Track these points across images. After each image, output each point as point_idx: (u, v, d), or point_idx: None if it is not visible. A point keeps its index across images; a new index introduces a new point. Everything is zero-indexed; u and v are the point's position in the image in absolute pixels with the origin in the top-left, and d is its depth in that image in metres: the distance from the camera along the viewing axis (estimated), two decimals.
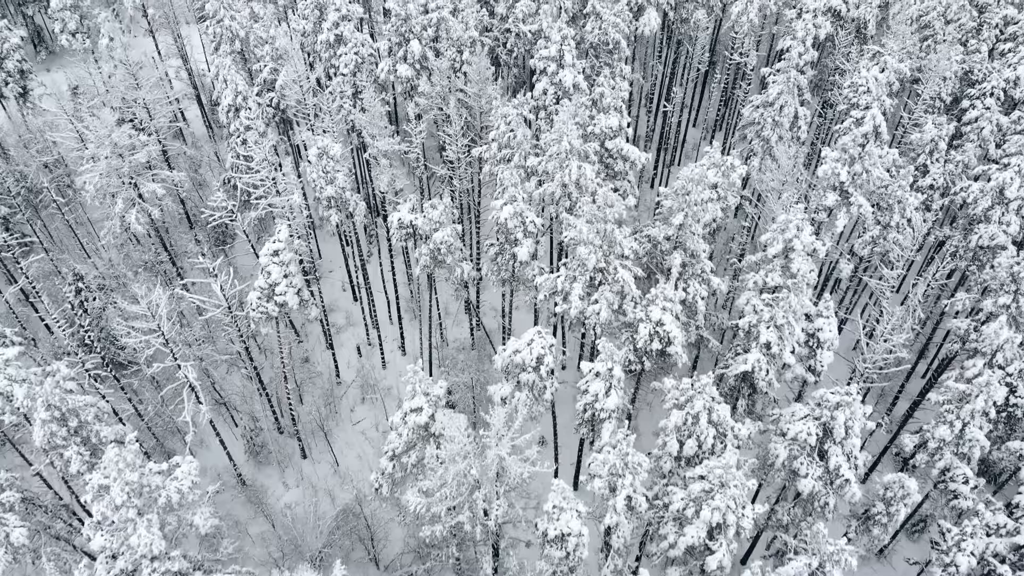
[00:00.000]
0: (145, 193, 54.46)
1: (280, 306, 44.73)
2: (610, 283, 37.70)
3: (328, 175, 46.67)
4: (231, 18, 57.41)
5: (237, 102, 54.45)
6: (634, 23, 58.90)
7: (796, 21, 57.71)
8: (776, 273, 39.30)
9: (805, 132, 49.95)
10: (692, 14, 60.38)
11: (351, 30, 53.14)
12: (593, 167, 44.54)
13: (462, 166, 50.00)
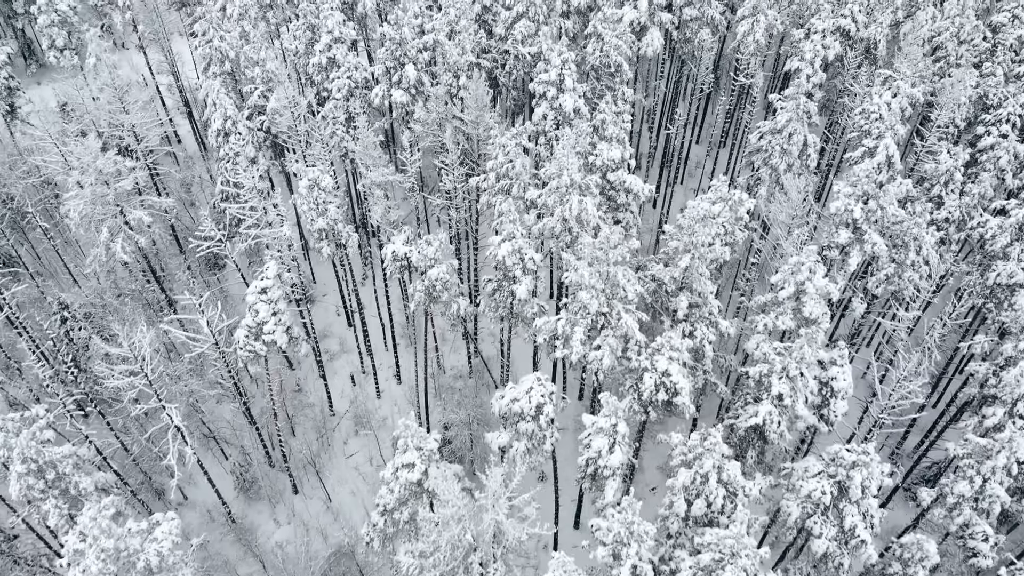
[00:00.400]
0: (132, 221, 52.56)
1: (268, 345, 42.85)
2: (613, 327, 35.81)
3: (319, 207, 44.74)
4: (220, 38, 55.43)
5: (226, 127, 52.54)
6: (636, 44, 56.97)
7: (804, 42, 55.78)
8: (787, 316, 37.41)
9: (815, 160, 48.03)
10: (696, 34, 58.42)
11: (344, 53, 51.20)
12: (595, 199, 42.63)
13: (459, 195, 48.08)
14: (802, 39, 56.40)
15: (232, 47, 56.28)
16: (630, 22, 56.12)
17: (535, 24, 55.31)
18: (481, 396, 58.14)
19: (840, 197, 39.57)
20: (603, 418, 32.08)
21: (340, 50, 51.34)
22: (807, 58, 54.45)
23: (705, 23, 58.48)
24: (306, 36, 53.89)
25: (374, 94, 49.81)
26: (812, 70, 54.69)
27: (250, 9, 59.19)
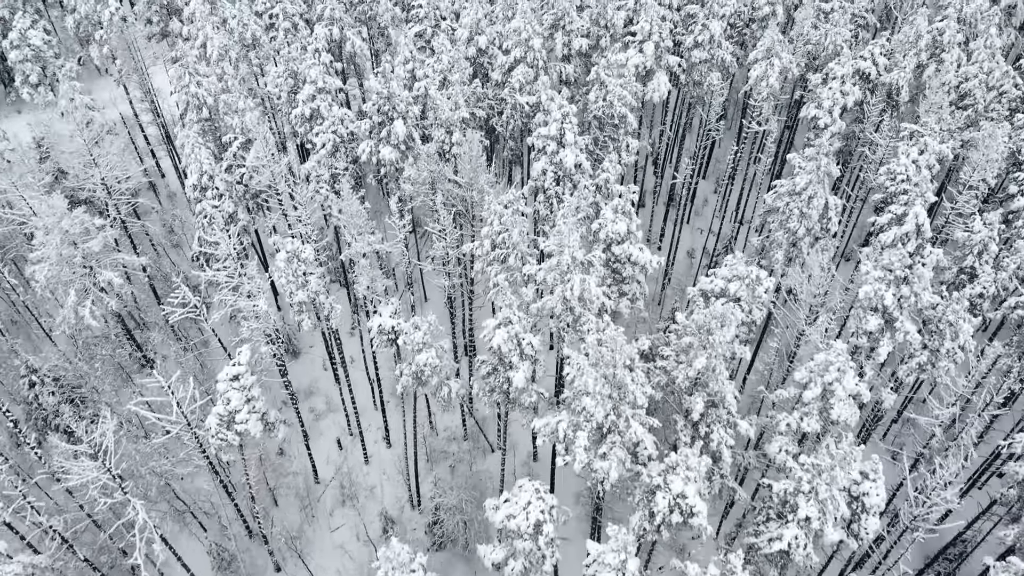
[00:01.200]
0: (102, 282, 48.63)
1: (241, 435, 38.93)
2: (621, 434, 31.88)
3: (299, 279, 40.79)
4: (197, 84, 51.38)
5: (202, 182, 48.57)
6: (642, 89, 52.96)
7: (822, 88, 51.76)
8: (814, 418, 33.46)
9: (836, 223, 44.05)
10: (705, 77, 54.41)
11: (328, 104, 47.21)
12: (599, 276, 38.69)
13: (452, 260, 44.12)
14: (819, 84, 52.38)
15: (210, 93, 52.26)
16: (635, 67, 52.11)
17: (533, 70, 51.30)
18: (477, 463, 54.22)
19: (869, 281, 35.59)
20: (611, 552, 28.15)
21: (324, 101, 47.32)
22: (825, 106, 50.45)
23: (715, 65, 54.46)
24: (288, 84, 49.86)
25: (361, 150, 45.83)
26: (830, 119, 50.70)
27: (231, 50, 55.15)
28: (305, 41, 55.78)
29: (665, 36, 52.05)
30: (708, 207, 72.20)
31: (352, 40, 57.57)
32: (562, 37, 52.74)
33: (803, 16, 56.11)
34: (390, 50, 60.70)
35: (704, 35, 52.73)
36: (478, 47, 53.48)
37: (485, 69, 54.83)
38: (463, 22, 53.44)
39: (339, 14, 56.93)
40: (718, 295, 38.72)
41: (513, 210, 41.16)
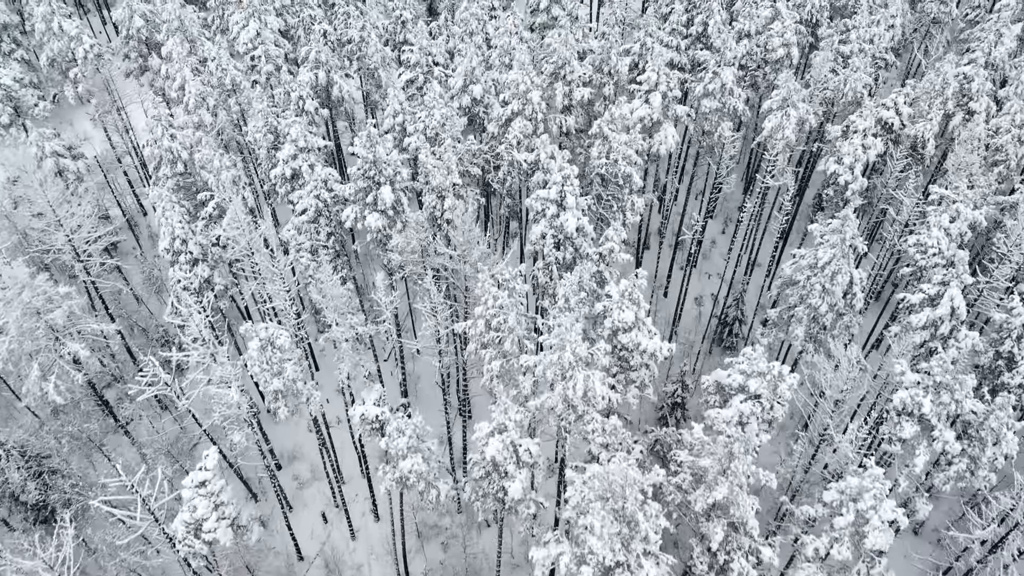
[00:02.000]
0: (69, 353, 44.86)
1: (210, 544, 35.17)
2: (632, 573, 28.07)
3: (274, 366, 36.94)
4: (171, 137, 47.47)
5: (175, 246, 44.71)
6: (648, 140, 49.01)
7: (842, 141, 47.81)
8: (845, 546, 29.64)
9: (861, 300, 40.19)
10: (716, 126, 50.45)
11: (311, 165, 43.31)
12: (603, 365, 34.87)
13: (444, 340, 40.28)
14: (839, 137, 48.42)
15: (185, 146, 48.34)
16: (640, 119, 48.16)
17: (532, 123, 47.36)
18: (472, 536, 50.49)
19: (905, 387, 31.75)
20: None
21: (306, 162, 43.40)
22: (846, 162, 46.54)
23: (727, 114, 50.50)
24: (268, 139, 45.93)
25: (346, 215, 41.92)
26: (851, 176, 46.80)
27: (208, 96, 51.18)
28: (289, 87, 51.83)
29: (673, 86, 48.09)
30: (716, 249, 68.23)
31: (339, 84, 53.59)
32: (562, 87, 48.78)
33: (820, 59, 52.14)
34: (380, 92, 56.72)
35: (715, 83, 48.77)
36: (473, 96, 49.52)
37: (481, 119, 50.88)
38: (457, 70, 49.49)
39: (325, 57, 52.95)
40: (736, 390, 34.92)
41: (509, 291, 37.32)
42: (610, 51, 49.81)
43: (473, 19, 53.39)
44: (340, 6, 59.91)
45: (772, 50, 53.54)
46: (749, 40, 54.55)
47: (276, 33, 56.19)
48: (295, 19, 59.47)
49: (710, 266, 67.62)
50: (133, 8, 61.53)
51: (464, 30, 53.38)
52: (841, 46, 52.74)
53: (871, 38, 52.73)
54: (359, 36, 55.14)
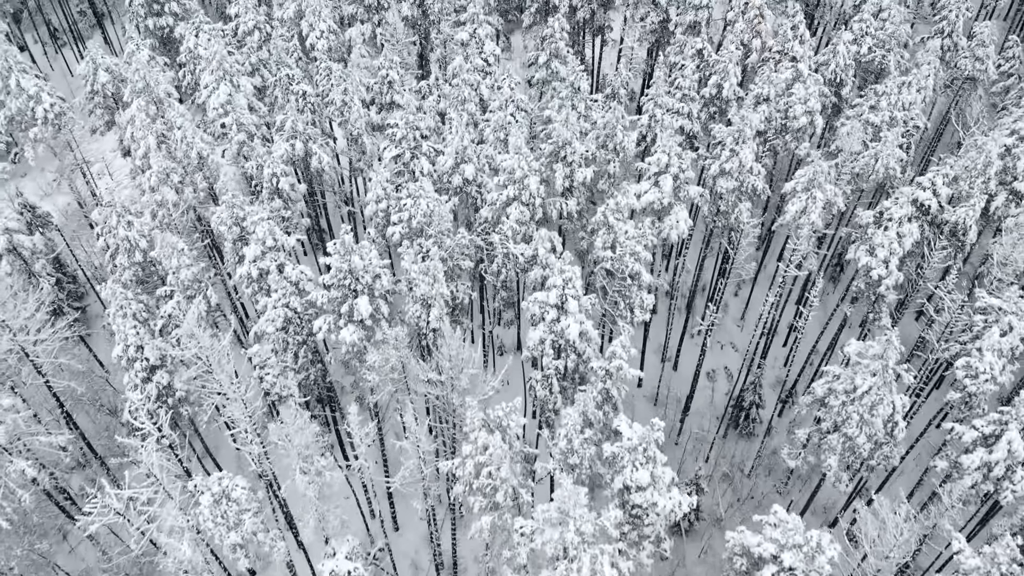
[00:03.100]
0: (14, 472, 39.72)
1: None
2: None
3: (230, 519, 31.70)
4: (127, 225, 42.16)
5: (130, 353, 39.46)
6: (657, 224, 43.62)
7: (874, 229, 42.40)
8: None
9: (903, 429, 34.89)
10: (734, 207, 45.03)
11: (279, 267, 37.97)
12: (614, 536, 29.60)
13: (428, 477, 35.01)
14: (870, 223, 42.99)
15: (143, 233, 43.02)
16: (649, 204, 42.77)
17: (529, 209, 41.96)
18: None
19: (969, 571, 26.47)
20: None
21: (275, 261, 38.04)
22: (880, 255, 41.16)
23: (745, 194, 45.09)
24: (232, 233, 40.55)
25: (317, 326, 36.58)
26: (886, 271, 41.43)
27: (172, 173, 45.79)
28: (262, 159, 46.44)
29: (686, 167, 42.68)
30: (729, 314, 62.78)
31: (319, 155, 48.18)
32: (563, 169, 43.35)
33: (847, 131, 46.73)
34: (365, 160, 51.32)
35: (733, 163, 43.35)
36: (464, 176, 44.10)
37: (474, 198, 45.50)
38: (447, 148, 44.09)
39: (302, 126, 47.54)
40: (767, 559, 29.66)
41: (502, 431, 32.03)
42: (615, 127, 44.38)
43: (465, 85, 47.94)
44: (322, 60, 54.43)
45: (794, 118, 48.09)
46: (768, 105, 49.11)
47: (250, 96, 50.73)
48: (272, 76, 54.00)
49: (722, 333, 62.20)
50: (97, 62, 56.15)
51: (456, 96, 47.91)
52: (871, 115, 47.24)
53: (904, 104, 47.29)
54: (341, 100, 49.68)
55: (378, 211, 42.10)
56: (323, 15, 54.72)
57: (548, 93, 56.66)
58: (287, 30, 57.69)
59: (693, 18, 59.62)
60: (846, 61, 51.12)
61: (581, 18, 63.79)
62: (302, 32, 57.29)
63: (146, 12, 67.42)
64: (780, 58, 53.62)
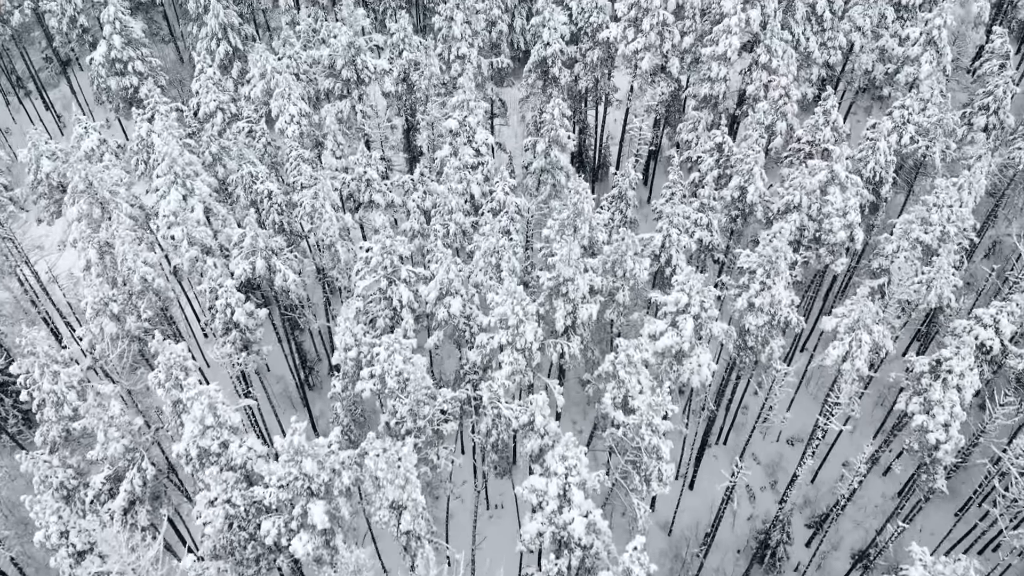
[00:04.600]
0: None
1: None
2: None
3: None
4: (53, 376, 35.20)
5: (52, 540, 32.61)
6: (676, 368, 36.66)
7: (929, 379, 35.41)
8: None
9: None
10: (764, 343, 38.06)
11: (221, 444, 31.01)
12: None
13: None
14: (925, 372, 36.00)
15: (72, 385, 36.07)
16: (667, 347, 35.79)
17: (524, 356, 34.97)
18: None
19: None
20: None
21: (216, 439, 31.09)
22: (939, 417, 34.25)
23: (777, 328, 38.14)
24: (171, 395, 33.57)
25: (265, 530, 29.73)
26: (945, 435, 34.53)
27: (112, 302, 38.75)
28: (215, 282, 39.42)
29: (709, 304, 35.68)
30: (748, 416, 55.26)
31: (283, 272, 41.17)
32: (564, 306, 36.35)
33: (892, 248, 39.74)
34: (338, 268, 44.33)
35: (764, 297, 36.37)
36: (449, 310, 37.12)
37: (461, 331, 38.51)
38: (432, 282, 37.09)
39: (263, 242, 40.51)
40: None
41: None
42: (625, 254, 37.36)
43: (451, 195, 40.93)
44: (292, 148, 47.38)
45: (830, 231, 41.07)
46: (798, 213, 42.09)
47: (207, 199, 43.58)
48: (236, 171, 46.88)
49: (740, 438, 55.00)
50: (40, 149, 49.05)
51: (443, 209, 40.91)
52: (922, 233, 40.17)
53: (959, 218, 40.26)
54: (311, 205, 42.63)
55: (347, 359, 35.13)
56: (293, 97, 47.53)
57: (547, 184, 49.74)
58: (255, 110, 50.57)
59: (708, 91, 52.60)
60: (887, 158, 44.02)
61: (583, 87, 56.69)
62: (271, 112, 50.16)
63: (107, 72, 60.64)
64: (810, 149, 46.56)
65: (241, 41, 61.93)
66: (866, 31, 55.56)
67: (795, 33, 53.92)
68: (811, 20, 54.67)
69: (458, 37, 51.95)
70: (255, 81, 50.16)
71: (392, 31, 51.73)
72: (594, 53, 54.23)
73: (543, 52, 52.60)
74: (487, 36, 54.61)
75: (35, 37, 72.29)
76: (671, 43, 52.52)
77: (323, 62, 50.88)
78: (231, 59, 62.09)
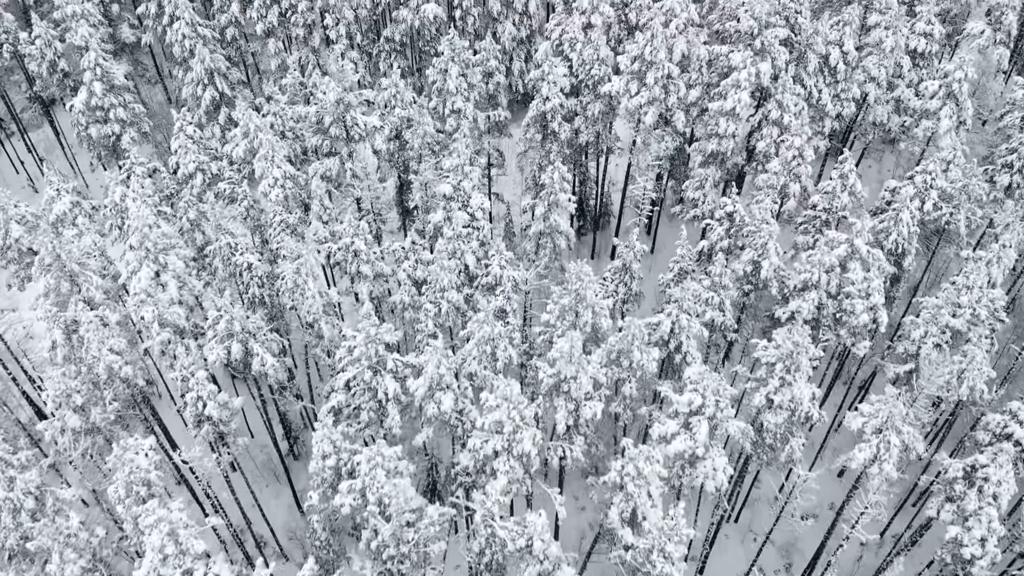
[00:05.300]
0: None
1: None
2: None
3: None
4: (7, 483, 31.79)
5: None
6: (688, 472, 33.22)
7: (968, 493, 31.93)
8: None
9: None
10: (783, 441, 34.63)
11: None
12: None
13: None
14: (958, 478, 32.57)
15: (30, 491, 32.66)
16: (680, 452, 32.41)
17: (522, 464, 31.59)
18: None
19: None
20: None
21: (179, 567, 27.65)
22: (975, 532, 30.84)
23: (798, 424, 34.76)
24: (131, 512, 30.14)
25: None
26: (981, 550, 31.13)
27: (77, 394, 35.39)
28: (187, 370, 36.06)
29: (725, 404, 32.32)
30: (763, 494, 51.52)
31: (261, 356, 37.82)
32: (566, 405, 32.97)
33: (920, 334, 36.43)
34: (322, 345, 40.99)
35: (784, 394, 33.03)
36: (440, 407, 33.77)
37: (453, 427, 35.15)
38: (421, 377, 33.75)
39: (239, 324, 37.19)
40: None
41: None
42: (632, 343, 34.05)
43: (444, 272, 37.66)
44: (276, 213, 44.20)
45: (851, 312, 37.77)
46: (816, 291, 38.79)
47: (181, 274, 40.24)
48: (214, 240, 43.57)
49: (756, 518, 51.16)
50: (9, 213, 45.74)
51: (435, 287, 37.66)
52: (951, 318, 36.88)
53: (991, 301, 36.99)
54: (293, 280, 39.34)
55: (324, 467, 31.73)
56: (277, 159, 44.30)
57: (546, 248, 46.52)
58: (237, 169, 47.39)
59: (716, 147, 49.47)
60: (910, 230, 40.79)
61: (584, 140, 53.54)
62: (254, 172, 46.96)
63: (87, 120, 57.58)
64: (827, 217, 43.36)
65: (228, 87, 58.93)
66: (881, 81, 52.45)
67: (807, 86, 50.81)
68: (823, 72, 51.56)
69: (453, 91, 48.81)
70: (237, 140, 46.97)
71: (384, 86, 48.60)
72: (595, 107, 51.09)
73: (542, 107, 49.46)
74: (483, 88, 51.47)
75: (16, 80, 69.15)
76: (676, 96, 49.37)
77: (310, 118, 47.72)
78: (218, 105, 59.08)
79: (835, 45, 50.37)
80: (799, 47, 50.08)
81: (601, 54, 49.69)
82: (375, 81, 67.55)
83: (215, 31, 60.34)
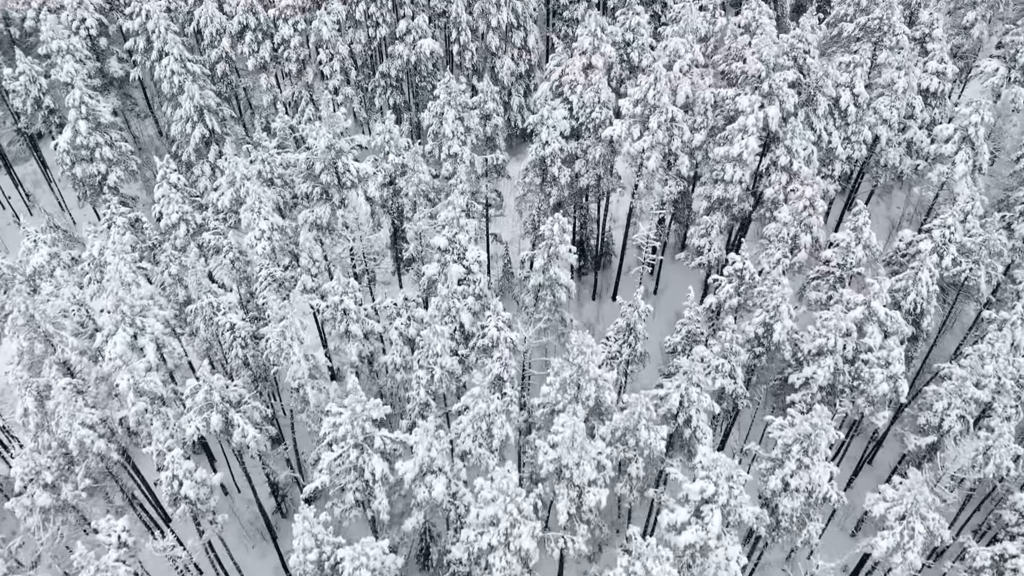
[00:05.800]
0: None
1: None
2: None
3: None
4: None
5: None
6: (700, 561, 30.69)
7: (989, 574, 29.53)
8: None
9: None
10: (800, 525, 32.14)
11: None
12: None
13: None
14: (987, 567, 30.06)
15: None
16: (691, 543, 29.90)
17: (518, 559, 29.05)
18: None
19: None
20: None
21: None
22: None
23: (815, 506, 32.25)
24: None
25: None
26: None
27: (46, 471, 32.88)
28: (163, 445, 33.57)
29: (739, 491, 29.82)
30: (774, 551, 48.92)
31: (242, 427, 35.33)
32: (567, 492, 30.46)
33: (942, 406, 33.97)
34: (307, 411, 38.49)
35: (801, 478, 30.54)
36: (431, 492, 31.25)
37: (445, 510, 32.61)
38: (410, 461, 31.26)
39: (218, 396, 34.70)
40: None
41: None
42: (638, 423, 31.57)
43: (437, 338, 35.18)
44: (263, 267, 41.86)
45: (870, 381, 35.30)
46: (832, 356, 36.33)
47: (160, 335, 37.85)
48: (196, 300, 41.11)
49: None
50: None
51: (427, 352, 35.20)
52: (975, 388, 34.41)
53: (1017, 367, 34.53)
54: (278, 344, 36.88)
55: (306, 561, 29.18)
56: (264, 211, 41.93)
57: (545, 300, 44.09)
58: (223, 219, 45.06)
59: (722, 193, 47.13)
60: (929, 289, 38.39)
61: (585, 184, 51.24)
62: (241, 221, 44.60)
63: (73, 159, 55.34)
64: (841, 273, 40.97)
65: (219, 123, 56.70)
66: (893, 123, 50.20)
67: (816, 129, 48.56)
68: (833, 115, 49.30)
69: (449, 136, 46.54)
70: (223, 188, 44.63)
71: (377, 131, 46.32)
72: (596, 150, 48.79)
73: (541, 151, 47.17)
74: (481, 131, 49.19)
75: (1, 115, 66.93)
76: (680, 140, 47.10)
77: (300, 165, 45.41)
78: (208, 142, 56.84)
79: (845, 87, 48.13)
80: (808, 89, 47.83)
81: (602, 97, 47.47)
82: (370, 117, 65.39)
83: (205, 66, 58.20)
